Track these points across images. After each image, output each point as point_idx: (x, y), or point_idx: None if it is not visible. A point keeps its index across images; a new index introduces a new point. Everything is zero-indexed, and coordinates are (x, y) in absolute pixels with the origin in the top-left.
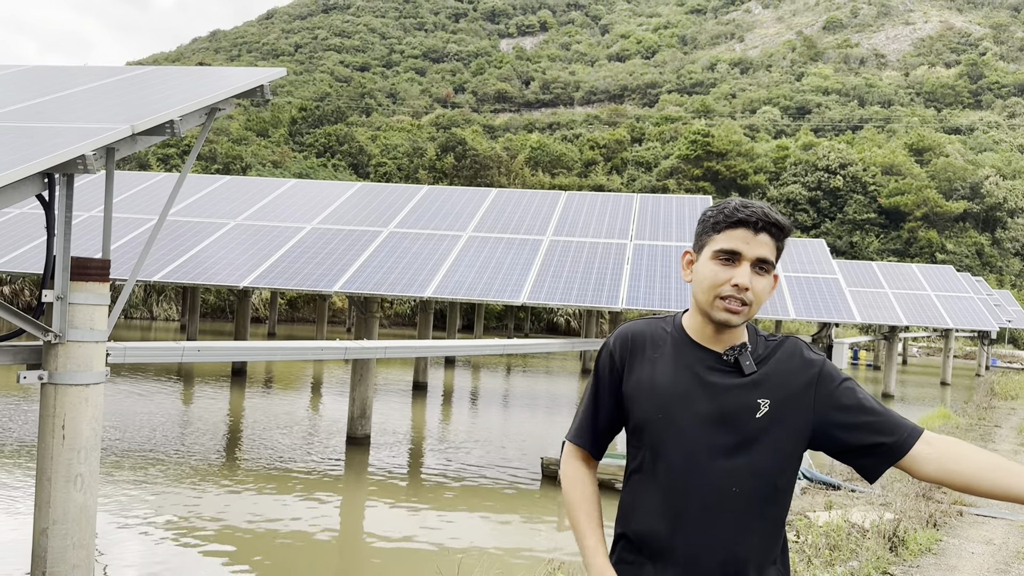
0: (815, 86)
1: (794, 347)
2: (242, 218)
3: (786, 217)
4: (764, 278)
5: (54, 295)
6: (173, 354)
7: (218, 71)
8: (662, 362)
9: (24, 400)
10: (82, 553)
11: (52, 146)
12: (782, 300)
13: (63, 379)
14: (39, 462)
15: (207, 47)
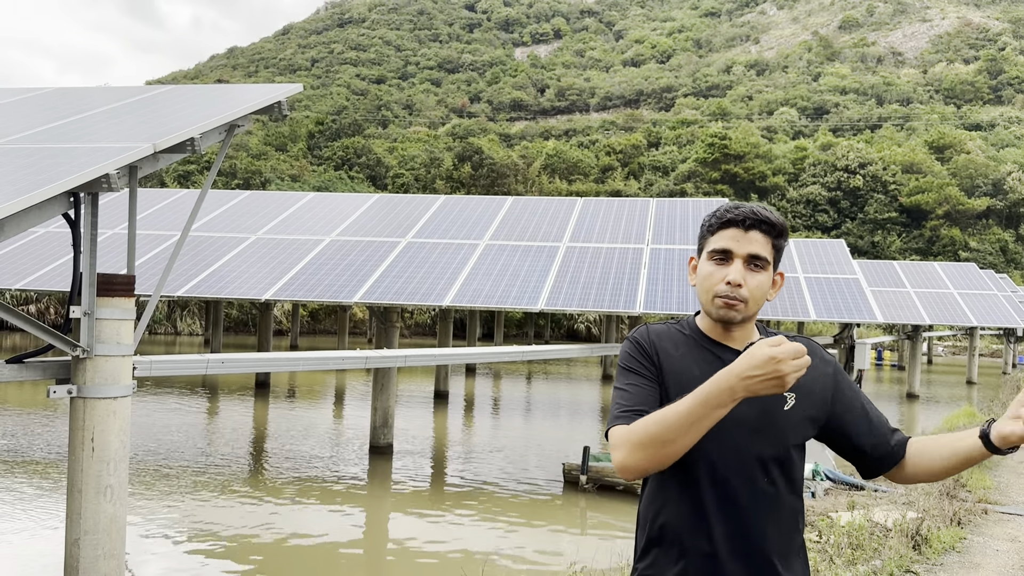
0: (832, 86)
1: (810, 346)
2: (262, 232)
3: (778, 215)
4: (759, 274)
5: (81, 311)
6: (198, 367)
7: (236, 88)
8: (687, 360)
9: (53, 414)
10: (113, 563)
11: (77, 166)
12: (802, 301)
13: (91, 392)
14: (70, 474)
15: (225, 64)
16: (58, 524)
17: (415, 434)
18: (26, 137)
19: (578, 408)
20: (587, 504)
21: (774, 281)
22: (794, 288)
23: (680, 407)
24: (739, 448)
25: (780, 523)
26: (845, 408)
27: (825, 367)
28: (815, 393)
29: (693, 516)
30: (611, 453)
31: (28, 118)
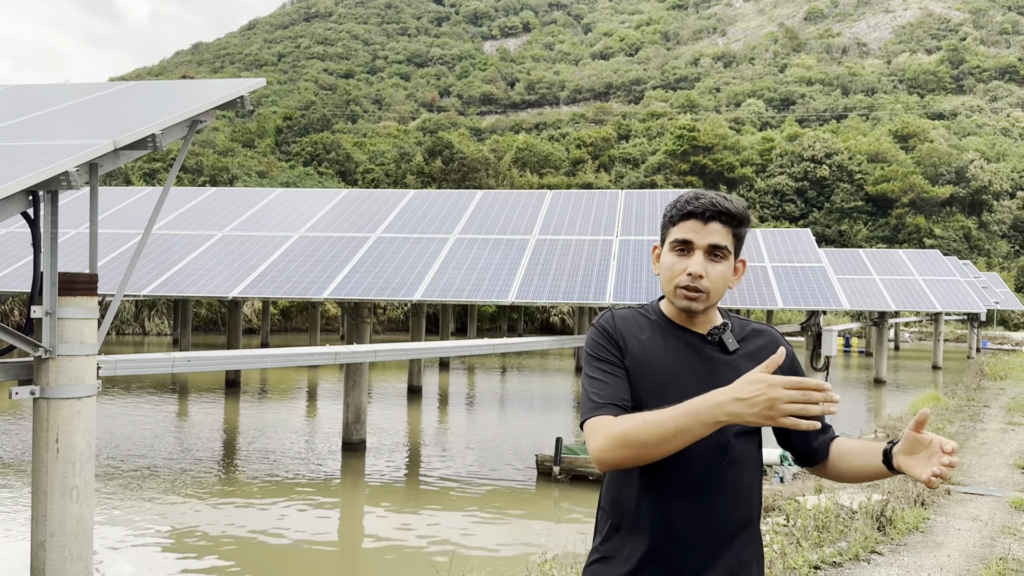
0: (798, 77)
1: (769, 332)
2: (229, 229)
3: (739, 204)
4: (720, 264)
5: (43, 311)
6: (164, 365)
7: (198, 84)
8: (652, 343)
9: (17, 415)
10: (80, 565)
11: (35, 163)
12: (769, 289)
13: (55, 393)
14: (34, 476)
15: (190, 60)
16: (24, 527)
17: (389, 430)
18: None
19: (552, 400)
20: (560, 495)
21: (736, 269)
22: (761, 277)
23: (668, 416)
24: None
25: (738, 503)
26: None
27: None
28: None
29: (654, 499)
30: (587, 443)
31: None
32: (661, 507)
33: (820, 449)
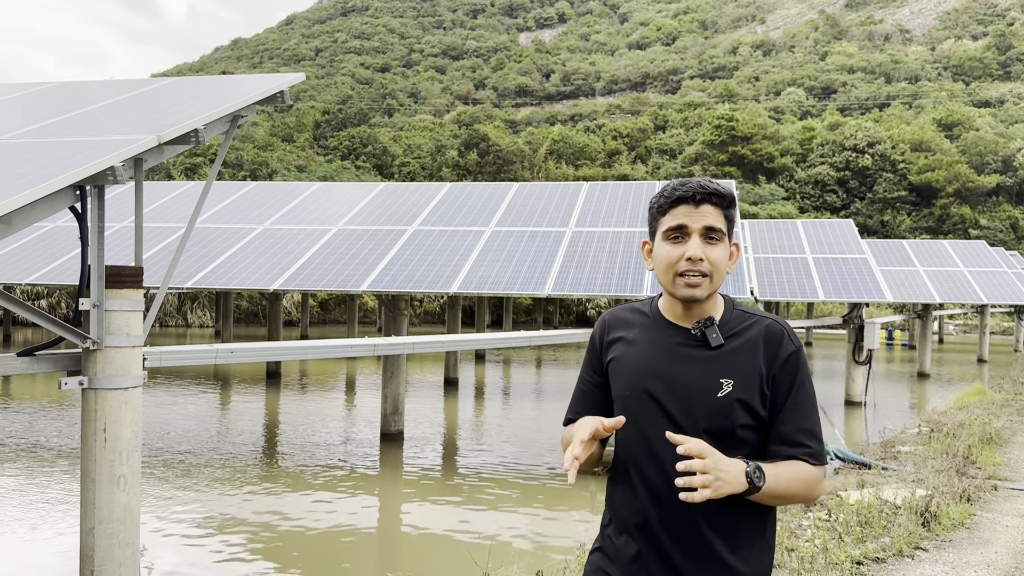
0: (840, 65)
1: (766, 323)
2: (269, 223)
3: (725, 186)
4: (717, 247)
5: (91, 303)
6: (207, 356)
7: (239, 79)
8: (638, 342)
9: (63, 405)
10: (128, 551)
11: (83, 159)
12: (811, 282)
13: (103, 384)
14: (83, 465)
15: (229, 55)
16: (73, 514)
17: (426, 421)
18: (31, 131)
19: None
20: (597, 488)
21: (731, 253)
22: (802, 269)
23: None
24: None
25: (726, 505)
26: (774, 397)
27: (777, 351)
28: (752, 378)
29: (633, 497)
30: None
31: (33, 112)
32: (637, 507)
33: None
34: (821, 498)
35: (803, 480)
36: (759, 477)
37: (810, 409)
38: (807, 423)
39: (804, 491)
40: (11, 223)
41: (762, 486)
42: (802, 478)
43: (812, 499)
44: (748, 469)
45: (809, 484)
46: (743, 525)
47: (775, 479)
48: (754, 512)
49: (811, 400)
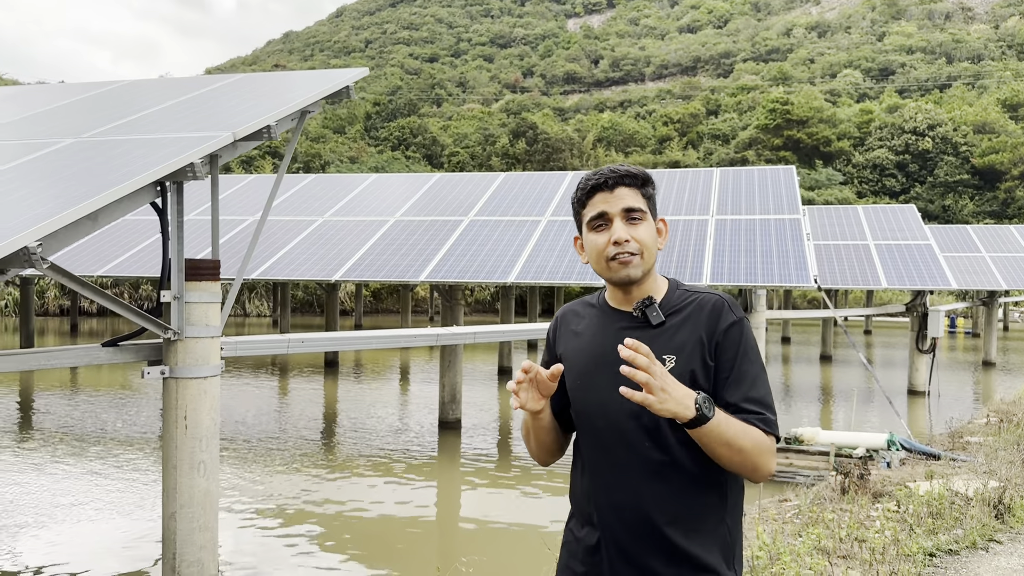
0: (898, 45)
1: (710, 300)
2: (328, 215)
3: (635, 166)
4: (640, 225)
5: (171, 295)
6: (279, 346)
7: (305, 75)
8: (585, 334)
9: (131, 395)
10: (207, 535)
11: (163, 156)
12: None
13: (183, 373)
14: (165, 451)
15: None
16: (150, 500)
17: (482, 409)
18: (109, 129)
19: None
20: None
21: (659, 230)
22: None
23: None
24: (620, 415)
25: (676, 491)
26: (718, 368)
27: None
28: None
29: (587, 484)
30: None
31: (108, 111)
32: (589, 494)
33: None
34: (887, 488)
35: (754, 438)
36: (708, 408)
37: (758, 379)
38: (755, 392)
39: (754, 449)
40: (97, 220)
41: (711, 416)
42: (753, 436)
43: (762, 470)
44: (698, 397)
45: (760, 446)
46: (695, 507)
47: (726, 421)
48: (706, 491)
49: (758, 370)
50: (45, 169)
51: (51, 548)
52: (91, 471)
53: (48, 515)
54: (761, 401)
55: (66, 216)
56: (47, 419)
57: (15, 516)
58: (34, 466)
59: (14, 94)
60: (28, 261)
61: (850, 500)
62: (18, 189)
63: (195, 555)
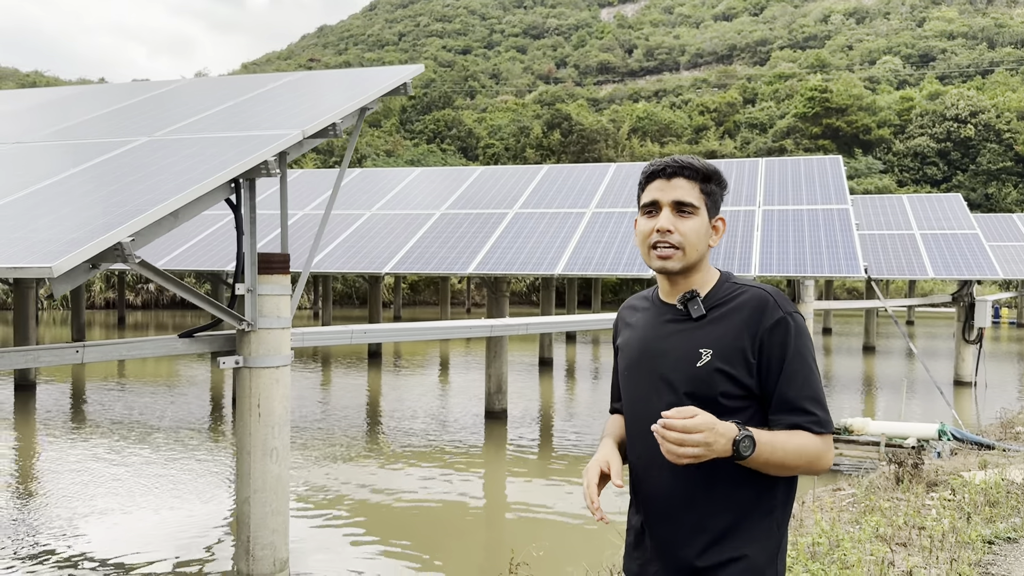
0: (939, 31)
1: (756, 295)
2: (376, 208)
3: (705, 162)
4: (689, 220)
5: (245, 288)
6: (343, 337)
7: (364, 73)
8: (637, 327)
9: (177, 385)
10: (279, 519)
11: (237, 154)
12: (919, 259)
13: (256, 363)
14: (238, 438)
15: (315, 43)
16: (216, 486)
17: (527, 400)
18: (182, 127)
19: None
20: None
21: (715, 227)
22: (909, 245)
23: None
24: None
25: (719, 484)
26: (763, 369)
27: (763, 318)
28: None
29: (632, 471)
30: None
31: (178, 109)
32: (636, 488)
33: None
34: (941, 478)
35: (805, 450)
36: (747, 447)
37: (810, 376)
38: (808, 390)
39: (806, 463)
40: (178, 217)
41: (748, 455)
42: (804, 449)
43: (818, 470)
44: (738, 436)
45: (812, 454)
46: (739, 501)
47: (770, 449)
48: (751, 485)
49: (810, 367)
50: (125, 168)
51: (124, 533)
52: (153, 459)
53: (121, 501)
54: (815, 399)
55: (154, 213)
56: (105, 410)
57: (93, 502)
58: (101, 455)
59: (80, 93)
60: (121, 256)
61: (905, 489)
62: (103, 187)
63: (268, 538)
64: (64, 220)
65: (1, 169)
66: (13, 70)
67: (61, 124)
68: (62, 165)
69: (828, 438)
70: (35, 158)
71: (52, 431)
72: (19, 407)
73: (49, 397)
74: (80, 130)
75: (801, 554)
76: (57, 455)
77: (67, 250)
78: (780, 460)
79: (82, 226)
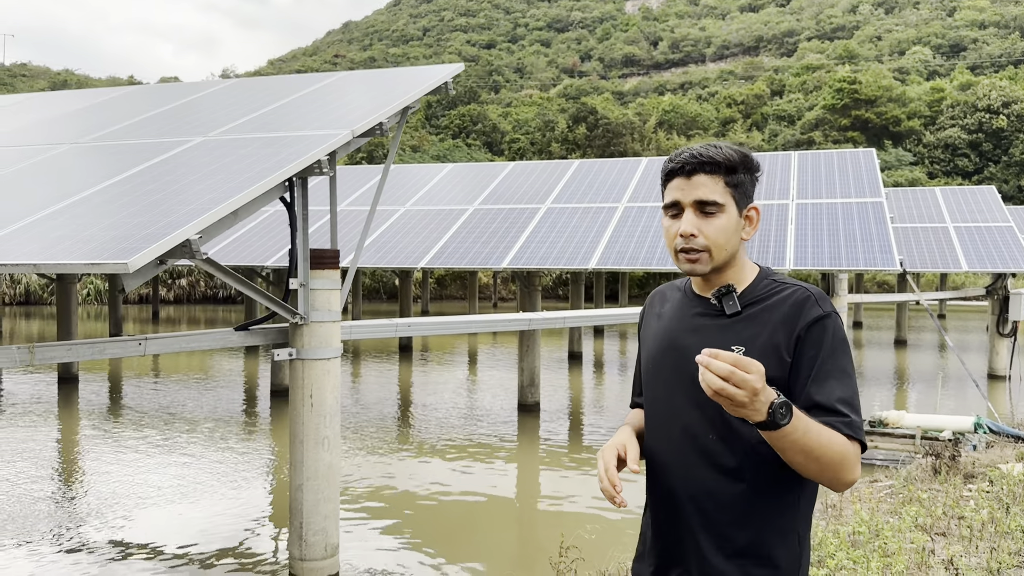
0: (969, 20)
1: (795, 294)
2: (409, 204)
3: (729, 150)
4: (715, 219)
5: (298, 282)
6: (388, 330)
7: (405, 72)
8: (665, 317)
9: (211, 377)
10: (331, 506)
11: (291, 154)
12: (952, 252)
13: (309, 355)
14: (292, 428)
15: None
16: (259, 475)
17: (557, 393)
18: (235, 128)
19: None
20: None
21: (748, 218)
22: (943, 238)
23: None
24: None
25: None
26: (795, 369)
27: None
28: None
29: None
30: None
31: (229, 109)
32: (657, 484)
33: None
34: (979, 470)
35: (837, 449)
36: (783, 415)
37: (845, 379)
38: (841, 392)
39: (837, 459)
40: (238, 215)
41: (784, 424)
42: (836, 446)
43: (844, 480)
44: (776, 400)
45: (844, 455)
46: (762, 509)
47: (804, 426)
48: (775, 493)
49: (846, 370)
50: (183, 167)
51: (170, 521)
52: (195, 449)
53: (166, 490)
54: (848, 402)
55: (218, 212)
56: (146, 401)
57: (140, 490)
58: (143, 445)
59: (126, 94)
60: (189, 252)
61: (942, 481)
62: (166, 186)
63: (320, 524)
64: (133, 218)
65: (65, 170)
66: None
67: (114, 125)
68: (123, 165)
69: (857, 447)
70: (97, 158)
71: (96, 422)
72: (63, 399)
73: (90, 389)
74: (135, 131)
75: (843, 542)
76: (102, 445)
77: (140, 247)
78: (811, 445)
79: (150, 224)
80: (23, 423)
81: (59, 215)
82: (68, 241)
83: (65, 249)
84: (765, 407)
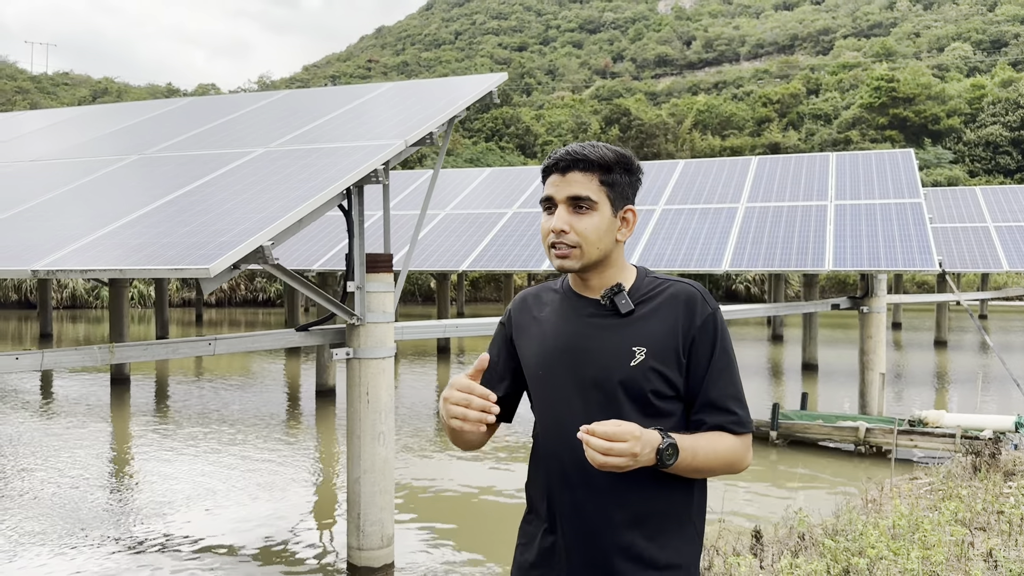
0: (1011, 15)
1: (684, 291)
2: (450, 208)
3: (606, 149)
4: (587, 217)
5: (355, 285)
6: (437, 331)
7: (451, 83)
8: (548, 320)
9: (254, 378)
10: (386, 498)
11: (349, 164)
12: (993, 251)
13: (365, 354)
14: (349, 423)
15: (374, 44)
16: (310, 470)
17: None
18: (294, 139)
19: (751, 368)
20: (778, 458)
21: (625, 220)
22: (983, 237)
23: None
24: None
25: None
26: (692, 367)
27: (692, 316)
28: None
29: (543, 480)
30: None
31: (286, 120)
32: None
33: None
34: (1019, 468)
35: (727, 453)
36: (670, 455)
37: (733, 373)
38: (732, 388)
39: (727, 465)
40: (302, 222)
41: (672, 464)
42: (725, 452)
43: (737, 471)
44: (661, 445)
45: (734, 457)
46: (660, 507)
47: (692, 455)
48: (671, 491)
49: (733, 364)
50: (249, 178)
51: (225, 515)
52: (246, 447)
53: (220, 486)
54: (736, 398)
55: (288, 219)
56: (197, 401)
57: (197, 485)
58: (196, 443)
59: (184, 106)
60: (262, 258)
61: (982, 478)
62: (235, 196)
63: (376, 515)
64: (207, 226)
65: (137, 181)
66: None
67: (176, 136)
68: (191, 176)
69: (747, 438)
70: (165, 169)
71: (149, 421)
72: (115, 400)
73: (141, 390)
74: (197, 142)
75: (883, 534)
76: (156, 444)
77: (217, 253)
78: (701, 465)
79: (225, 231)
80: (80, 423)
81: (136, 223)
82: (150, 248)
83: (147, 255)
84: (652, 455)
